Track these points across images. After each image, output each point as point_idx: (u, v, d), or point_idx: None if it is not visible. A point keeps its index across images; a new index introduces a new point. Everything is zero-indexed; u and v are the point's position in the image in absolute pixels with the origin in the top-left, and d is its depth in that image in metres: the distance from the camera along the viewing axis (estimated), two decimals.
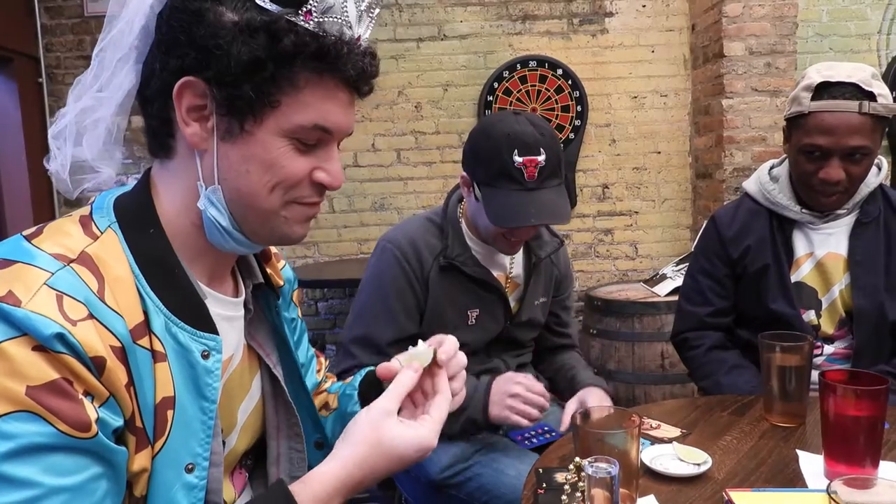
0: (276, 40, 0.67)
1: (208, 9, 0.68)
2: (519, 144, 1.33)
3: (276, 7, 0.68)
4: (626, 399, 2.85)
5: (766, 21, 3.12)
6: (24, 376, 0.58)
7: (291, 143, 0.72)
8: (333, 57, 0.70)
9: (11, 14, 3.21)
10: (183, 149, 0.74)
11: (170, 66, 0.70)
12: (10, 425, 0.57)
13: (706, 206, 3.41)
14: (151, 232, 0.73)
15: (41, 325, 0.59)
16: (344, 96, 0.74)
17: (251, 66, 0.68)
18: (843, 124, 1.39)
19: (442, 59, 3.50)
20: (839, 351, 1.53)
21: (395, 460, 0.74)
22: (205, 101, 0.70)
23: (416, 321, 1.48)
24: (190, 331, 0.72)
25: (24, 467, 0.57)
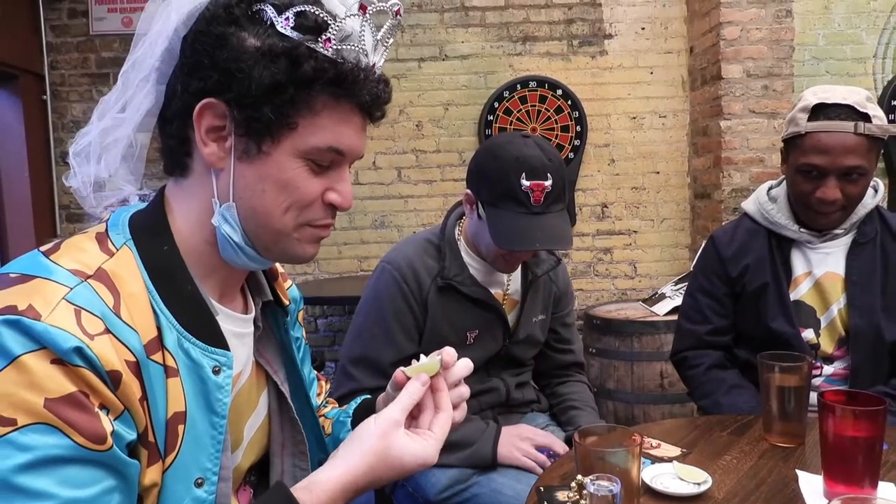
0: (297, 65, 0.70)
1: (232, 34, 0.71)
2: (527, 168, 1.35)
3: (297, 34, 0.70)
4: (625, 418, 2.85)
5: (763, 44, 3.16)
6: (42, 389, 0.59)
7: (306, 164, 0.74)
8: (350, 83, 0.72)
9: (17, 32, 3.25)
10: (199, 167, 0.76)
11: (191, 87, 0.72)
12: (28, 437, 0.58)
13: (704, 227, 3.43)
14: (165, 249, 0.75)
15: (60, 338, 0.60)
16: (358, 121, 0.76)
17: (272, 89, 0.70)
18: (839, 144, 1.41)
19: (443, 78, 3.54)
20: (838, 371, 1.54)
21: (397, 470, 0.75)
22: (224, 122, 0.73)
23: (416, 341, 1.48)
24: (202, 346, 0.73)
25: (40, 479, 0.58)
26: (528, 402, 1.65)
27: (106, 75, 3.50)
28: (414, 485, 1.46)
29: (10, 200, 3.27)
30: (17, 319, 0.60)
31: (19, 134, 3.25)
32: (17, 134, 3.25)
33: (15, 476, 0.57)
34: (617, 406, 2.86)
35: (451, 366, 0.85)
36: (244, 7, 0.72)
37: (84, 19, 3.45)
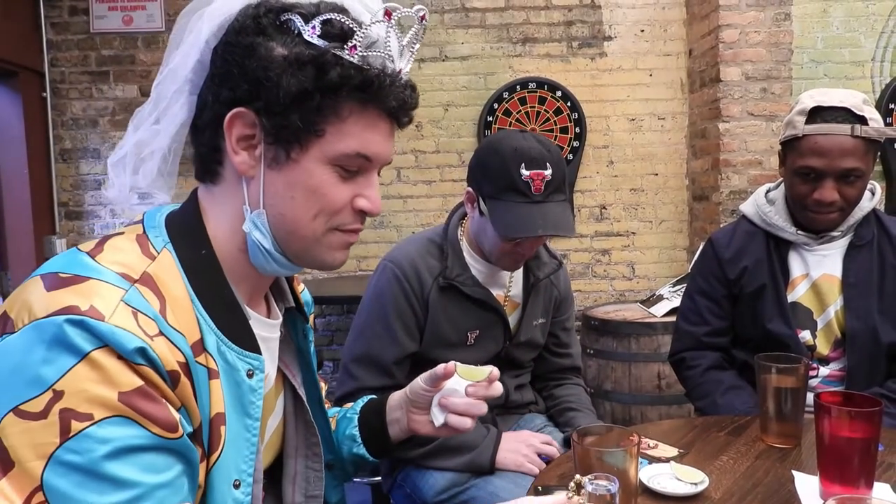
0: (323, 73, 0.71)
1: (260, 44, 0.72)
2: (526, 159, 1.36)
3: (323, 42, 0.72)
4: (622, 419, 2.85)
5: (761, 47, 3.17)
6: (114, 383, 0.61)
7: (334, 170, 0.75)
8: (376, 88, 0.73)
9: (18, 29, 3.25)
10: (230, 175, 0.77)
11: (222, 97, 0.74)
12: (107, 430, 0.60)
13: (702, 228, 3.44)
14: (203, 253, 0.76)
15: (125, 339, 0.62)
16: (385, 126, 0.77)
17: (299, 97, 0.71)
18: (837, 147, 1.42)
19: (443, 79, 3.55)
20: (834, 373, 1.55)
21: None
22: (254, 130, 0.74)
23: (417, 340, 1.49)
24: (237, 350, 0.75)
25: (123, 467, 0.60)
26: (526, 404, 1.65)
27: (106, 73, 3.50)
28: (412, 486, 1.47)
29: (10, 198, 3.27)
30: (81, 319, 0.61)
31: (19, 131, 3.25)
32: (17, 131, 3.25)
33: (100, 466, 0.59)
34: (614, 407, 2.87)
35: (493, 381, 0.97)
36: (272, 17, 0.73)
37: (84, 17, 3.45)
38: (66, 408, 0.59)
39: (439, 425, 1.00)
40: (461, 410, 0.98)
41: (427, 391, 1.00)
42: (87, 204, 3.55)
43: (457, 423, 0.98)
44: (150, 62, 3.49)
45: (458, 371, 0.98)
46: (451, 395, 0.99)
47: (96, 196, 3.55)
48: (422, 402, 1.02)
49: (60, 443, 0.58)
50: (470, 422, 0.98)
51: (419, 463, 1.44)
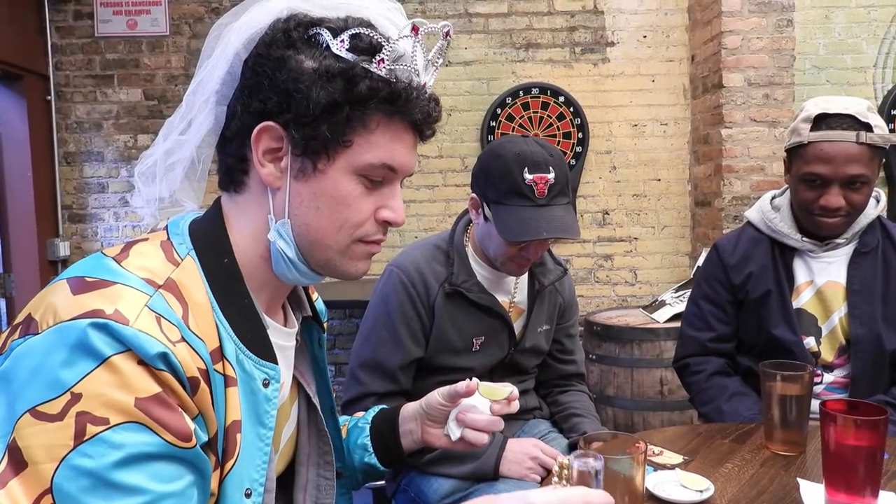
0: (353, 85, 0.72)
1: (290, 56, 0.73)
2: (529, 163, 1.37)
3: (352, 56, 0.73)
4: (624, 425, 2.85)
5: (764, 53, 3.18)
6: (132, 388, 0.61)
7: (360, 181, 0.77)
8: (404, 101, 0.75)
9: (23, 32, 3.27)
10: (255, 185, 0.78)
11: (252, 108, 0.75)
12: (120, 435, 0.60)
13: (705, 234, 3.44)
14: (226, 262, 0.77)
15: (148, 344, 0.63)
16: (409, 138, 0.79)
17: (329, 108, 0.73)
18: (842, 153, 1.43)
19: (446, 84, 3.55)
20: (839, 380, 1.55)
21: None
22: (280, 143, 0.75)
23: (423, 346, 1.49)
24: (254, 359, 0.75)
25: (133, 474, 0.60)
26: (530, 410, 1.65)
27: (110, 77, 3.51)
28: (416, 491, 1.47)
29: (14, 200, 3.28)
30: (105, 323, 0.62)
31: (23, 134, 3.26)
32: (21, 134, 3.26)
33: (110, 472, 0.59)
34: (616, 412, 2.87)
35: (512, 400, 1.01)
36: (301, 31, 0.74)
37: (89, 21, 3.46)
38: (83, 411, 0.59)
39: (456, 440, 1.01)
40: (482, 426, 1.00)
41: (444, 406, 1.02)
42: (91, 207, 3.56)
43: (474, 438, 1.01)
44: (154, 66, 3.51)
45: (480, 389, 1.00)
46: (469, 410, 1.01)
47: (99, 199, 3.56)
48: (437, 415, 1.04)
49: (74, 446, 0.58)
50: (486, 437, 1.01)
51: (423, 469, 1.44)
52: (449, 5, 3.54)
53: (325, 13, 0.76)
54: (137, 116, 3.52)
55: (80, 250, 3.53)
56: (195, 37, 3.49)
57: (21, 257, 3.29)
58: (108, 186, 3.55)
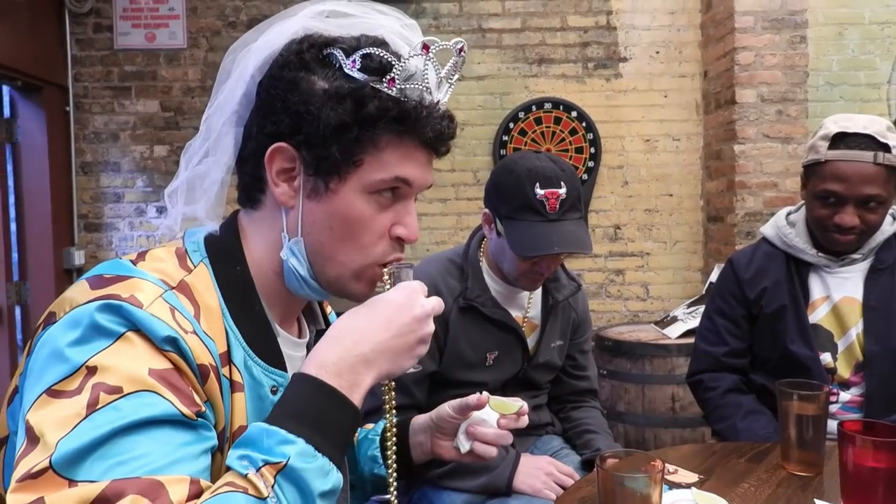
0: (362, 105, 0.73)
1: (303, 77, 0.74)
2: (541, 178, 1.38)
3: (363, 76, 0.74)
4: (635, 441, 2.83)
5: (777, 70, 3.18)
6: (145, 361, 0.63)
7: (372, 199, 0.77)
8: (413, 120, 0.76)
9: (44, 44, 3.32)
10: (270, 202, 0.80)
11: (266, 129, 0.76)
12: (133, 402, 0.61)
13: (717, 250, 3.43)
14: (238, 269, 0.78)
15: (158, 326, 0.65)
16: (422, 156, 0.79)
17: (338, 129, 0.73)
18: (858, 173, 1.43)
19: (459, 98, 3.57)
20: (854, 398, 1.54)
21: (385, 314, 0.75)
22: (293, 164, 0.76)
23: (436, 360, 1.50)
24: (263, 366, 0.77)
25: (144, 438, 0.61)
26: (543, 425, 1.65)
27: (128, 88, 3.55)
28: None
29: (31, 209, 3.32)
30: (118, 304, 0.65)
31: (42, 144, 3.30)
32: (40, 144, 3.30)
33: (121, 437, 0.60)
34: (627, 429, 2.85)
35: (522, 415, 1.02)
36: (314, 52, 0.76)
37: (109, 34, 3.51)
38: (99, 382, 0.61)
39: (465, 452, 1.02)
40: (490, 440, 1.01)
41: (454, 419, 1.03)
42: (106, 216, 3.59)
43: (483, 451, 1.01)
44: (171, 78, 3.55)
45: (490, 403, 1.01)
46: (478, 423, 1.02)
47: (115, 209, 3.59)
48: (448, 428, 1.05)
49: (86, 415, 0.59)
50: (495, 450, 1.02)
51: (436, 483, 1.44)
52: (462, 21, 3.57)
53: (340, 32, 0.77)
54: (154, 128, 3.56)
55: (95, 259, 3.56)
56: (212, 50, 3.54)
57: (37, 265, 3.32)
58: (123, 196, 3.59)
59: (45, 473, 0.57)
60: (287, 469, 0.62)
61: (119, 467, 0.58)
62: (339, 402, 0.68)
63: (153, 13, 3.49)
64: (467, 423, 1.02)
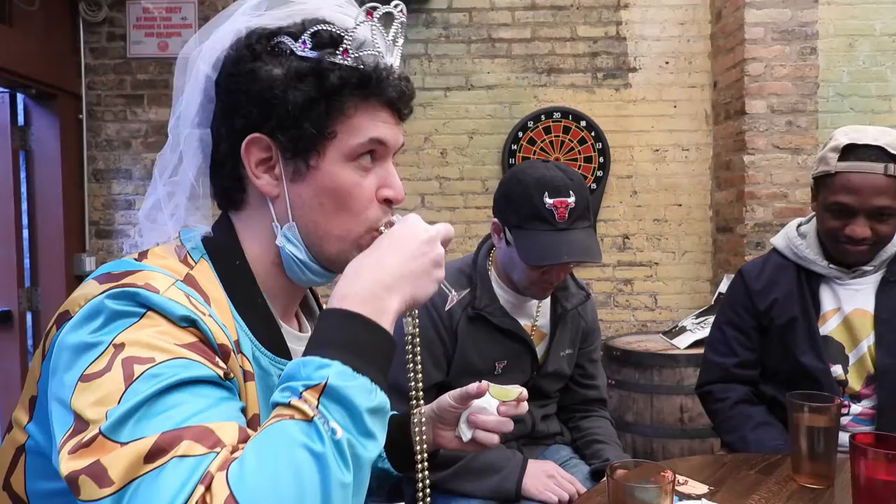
0: (323, 78, 0.75)
1: (259, 67, 0.76)
2: (549, 187, 1.38)
3: (316, 53, 0.76)
4: (643, 452, 2.82)
5: (787, 81, 3.18)
6: (171, 336, 0.65)
7: (354, 167, 0.79)
8: (375, 82, 0.78)
9: (58, 53, 3.36)
10: (254, 199, 0.81)
11: (236, 125, 0.77)
12: (166, 368, 0.62)
13: (726, 260, 3.42)
14: (237, 264, 0.80)
15: (176, 308, 0.66)
16: (389, 117, 0.81)
17: (307, 106, 0.75)
18: (868, 185, 1.42)
19: (468, 107, 3.59)
20: (866, 411, 1.53)
21: (396, 243, 0.75)
22: (269, 153, 0.78)
23: (444, 370, 1.50)
24: (270, 356, 0.78)
25: (185, 394, 0.62)
26: (552, 435, 1.65)
27: (140, 97, 3.59)
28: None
29: (43, 215, 3.35)
30: (136, 291, 0.66)
31: (55, 151, 3.33)
32: (53, 151, 3.33)
33: (164, 396, 0.60)
34: (635, 439, 2.84)
35: (521, 401, 1.03)
36: (264, 43, 0.78)
37: (122, 42, 3.55)
38: (128, 356, 0.62)
39: (467, 440, 1.03)
40: (491, 427, 1.02)
41: (455, 408, 1.04)
42: (117, 223, 3.62)
43: (485, 438, 1.03)
44: None
45: (490, 390, 1.03)
46: (479, 412, 1.03)
47: (126, 215, 3.62)
48: (449, 418, 1.06)
49: (126, 387, 0.60)
50: (497, 438, 1.03)
51: (444, 488, 1.44)
52: (472, 30, 3.58)
53: (280, 23, 0.79)
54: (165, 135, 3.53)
55: None
56: None
57: (48, 271, 3.35)
58: (134, 203, 3.61)
59: (96, 440, 0.57)
60: (328, 389, 0.61)
61: (167, 421, 0.59)
62: (370, 328, 0.68)
63: (166, 22, 3.53)
64: (468, 411, 1.04)
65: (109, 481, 0.55)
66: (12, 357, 3.19)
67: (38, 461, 0.71)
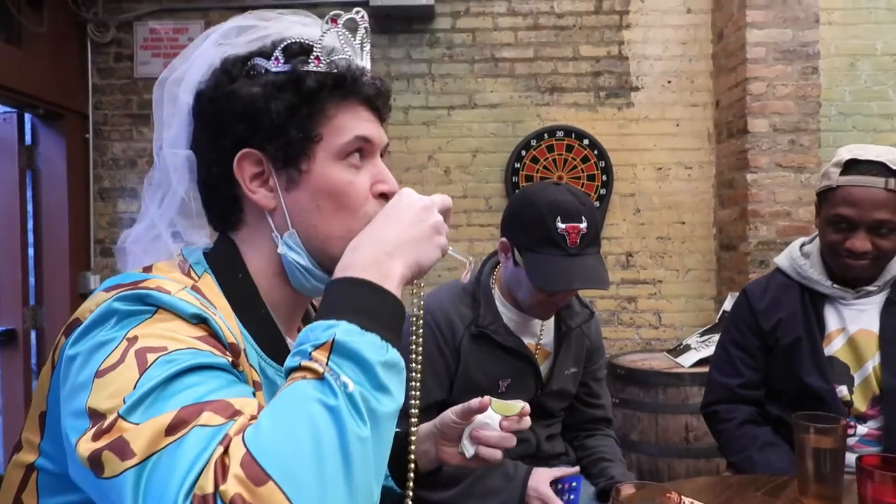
0: (301, 85, 0.78)
1: (239, 87, 0.79)
2: (562, 212, 1.39)
3: (290, 66, 0.79)
4: (648, 472, 2.79)
5: (789, 100, 3.20)
6: (183, 330, 0.66)
7: (345, 165, 0.81)
8: (350, 82, 0.81)
9: (66, 73, 3.40)
10: (251, 216, 0.83)
11: (224, 147, 0.79)
12: (178, 355, 0.63)
13: (730, 278, 3.41)
14: (240, 277, 0.81)
15: (186, 306, 0.68)
16: (369, 115, 0.84)
17: (290, 113, 0.78)
18: (869, 198, 1.44)
19: (472, 126, 3.61)
20: (872, 432, 1.52)
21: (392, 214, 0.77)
22: (261, 166, 0.80)
23: (446, 388, 1.49)
24: (276, 367, 0.79)
25: (201, 376, 0.62)
26: (557, 455, 1.64)
27: (147, 116, 3.62)
28: None
29: (49, 234, 3.37)
30: (147, 292, 0.67)
31: (61, 170, 3.36)
32: (60, 170, 3.36)
33: (180, 378, 0.61)
34: (640, 459, 2.81)
35: (524, 416, 1.03)
36: (239, 67, 0.81)
37: (129, 63, 3.59)
38: (141, 347, 0.63)
39: (470, 456, 1.03)
40: (494, 443, 1.02)
41: (458, 424, 1.04)
42: None
43: (488, 454, 1.02)
44: None
45: (493, 405, 1.03)
46: (482, 427, 1.03)
47: None
48: (452, 434, 1.05)
49: (140, 374, 0.60)
50: (500, 454, 1.03)
51: None
52: (475, 50, 3.62)
53: (251, 48, 0.82)
54: None
55: None
56: None
57: (53, 290, 3.36)
58: None
59: (116, 424, 0.58)
60: (336, 345, 0.61)
61: (186, 398, 0.60)
62: (375, 290, 0.68)
63: (172, 43, 3.57)
64: (471, 427, 1.03)
65: (132, 453, 0.56)
66: (17, 376, 3.19)
67: (50, 478, 0.71)
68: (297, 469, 0.55)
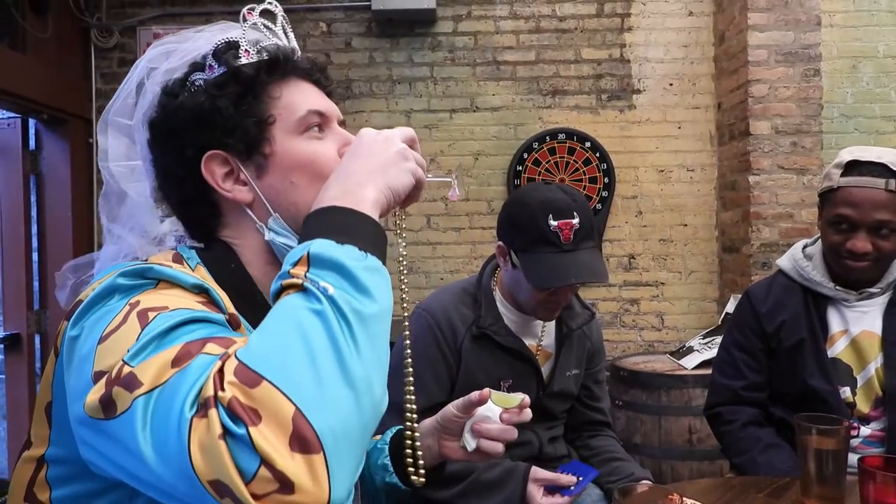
0: (239, 75, 0.82)
1: (184, 99, 0.82)
2: (553, 209, 1.40)
3: (224, 67, 0.82)
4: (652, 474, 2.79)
5: (791, 102, 3.20)
6: (183, 298, 0.68)
7: (306, 137, 0.83)
8: (284, 61, 0.84)
9: (70, 79, 3.41)
10: (231, 216, 0.85)
11: (188, 158, 0.81)
12: (177, 312, 0.65)
13: (733, 280, 3.41)
14: (233, 266, 0.83)
15: (187, 277, 0.70)
16: (313, 90, 0.87)
17: (237, 104, 0.81)
18: (869, 199, 1.44)
19: (474, 129, 3.62)
20: (875, 433, 1.52)
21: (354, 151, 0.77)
22: (228, 164, 0.82)
23: (447, 390, 1.50)
24: None
25: (200, 326, 0.64)
26: (560, 457, 1.64)
27: None
28: None
29: (53, 239, 3.37)
30: (148, 267, 0.70)
31: (65, 175, 3.37)
32: (63, 175, 3.37)
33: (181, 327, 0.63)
34: (644, 461, 2.81)
35: (524, 408, 1.03)
36: (179, 85, 0.84)
37: None
38: (143, 308, 0.64)
39: (472, 450, 1.04)
40: (494, 436, 1.03)
41: (459, 417, 1.05)
42: None
43: (489, 447, 1.03)
44: None
45: (492, 398, 1.03)
46: (483, 420, 1.03)
47: None
48: (453, 428, 1.06)
49: (141, 330, 0.62)
50: (501, 447, 1.03)
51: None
52: (477, 53, 3.63)
53: (183, 69, 0.85)
54: None
55: None
56: None
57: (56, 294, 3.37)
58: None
59: (122, 369, 0.60)
60: (312, 257, 0.63)
61: (189, 338, 0.62)
62: (348, 213, 0.69)
63: None
64: (472, 420, 1.04)
65: (139, 383, 0.58)
66: (21, 380, 3.19)
67: (61, 468, 0.71)
68: (289, 366, 0.56)
